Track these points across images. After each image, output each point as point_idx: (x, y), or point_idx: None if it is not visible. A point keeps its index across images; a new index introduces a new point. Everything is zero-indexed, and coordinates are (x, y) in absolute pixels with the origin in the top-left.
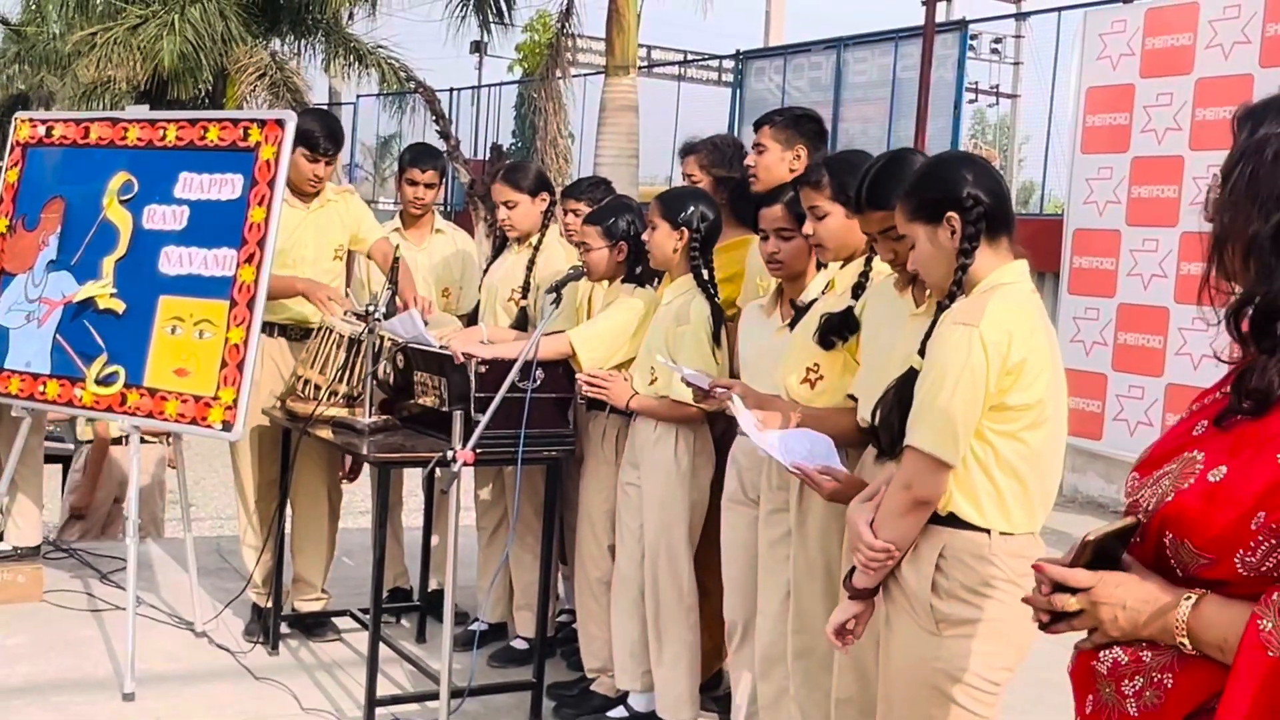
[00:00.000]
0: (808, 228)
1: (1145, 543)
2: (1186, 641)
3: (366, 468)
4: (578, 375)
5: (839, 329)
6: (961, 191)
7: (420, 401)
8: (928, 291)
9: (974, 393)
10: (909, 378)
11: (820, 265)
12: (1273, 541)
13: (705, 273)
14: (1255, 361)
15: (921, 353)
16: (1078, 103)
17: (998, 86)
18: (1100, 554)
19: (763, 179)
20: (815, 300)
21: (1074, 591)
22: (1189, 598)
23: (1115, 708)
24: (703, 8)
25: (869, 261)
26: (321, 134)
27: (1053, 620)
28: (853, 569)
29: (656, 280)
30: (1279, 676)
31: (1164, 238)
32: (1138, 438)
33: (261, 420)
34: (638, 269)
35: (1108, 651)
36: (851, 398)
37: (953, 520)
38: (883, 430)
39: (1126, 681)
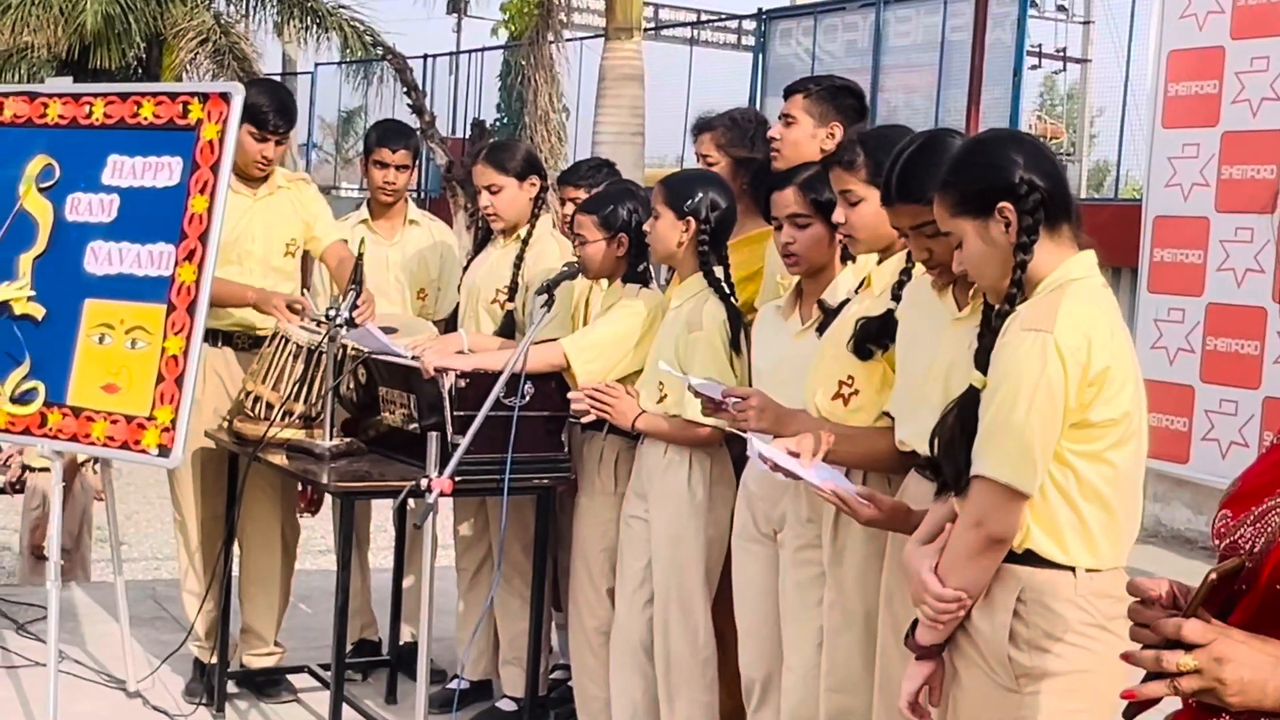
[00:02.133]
0: (838, 215)
1: (1253, 589)
2: None
3: (328, 499)
4: (576, 390)
5: (878, 336)
6: (1014, 177)
7: (388, 421)
8: (971, 292)
9: (1052, 410)
10: (971, 398)
11: (845, 259)
12: None
13: (718, 270)
14: None
15: (982, 366)
16: (1158, 69)
17: (1065, 50)
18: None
19: (786, 155)
20: (847, 301)
21: (1188, 647)
22: None
23: None
24: None
25: (910, 257)
26: (270, 108)
27: (1149, 678)
28: (914, 624)
29: (664, 279)
30: None
31: (1260, 226)
32: (1231, 461)
33: (205, 444)
34: (640, 266)
35: (1214, 718)
36: (888, 415)
37: (1030, 558)
38: (945, 462)
39: None
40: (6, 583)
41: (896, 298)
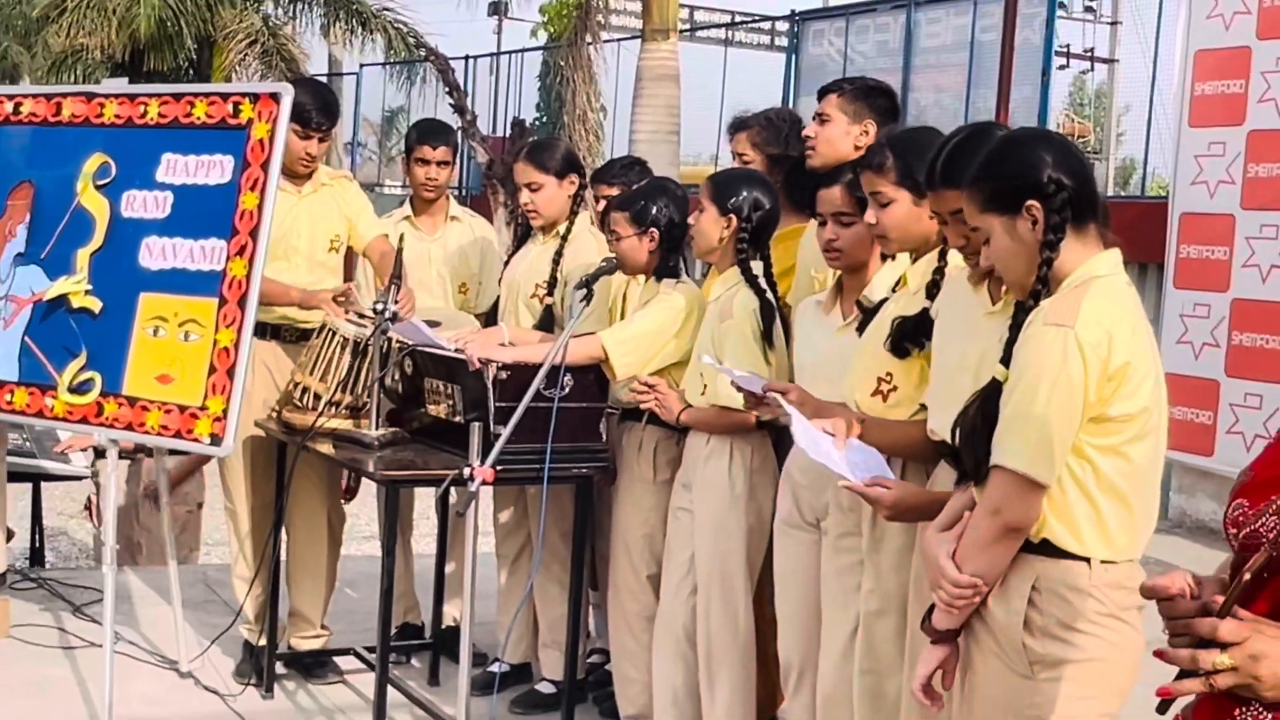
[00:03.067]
0: (870, 216)
1: (1278, 577)
2: None
3: (370, 486)
4: (619, 377)
5: (914, 334)
6: (1042, 175)
7: (433, 412)
8: (1004, 287)
9: (1071, 403)
10: (992, 391)
11: (885, 256)
12: None
13: (756, 266)
14: None
15: (1004, 359)
16: (1185, 68)
17: (1092, 50)
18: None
19: (822, 152)
20: (885, 300)
21: (1223, 646)
22: None
23: None
24: None
25: (943, 255)
26: (314, 106)
27: (1181, 675)
28: (930, 608)
29: (701, 274)
30: None
31: None
32: (1255, 453)
33: (255, 433)
34: (671, 261)
35: (1244, 710)
36: (923, 407)
37: (1047, 548)
38: (965, 451)
39: None
40: (63, 567)
41: (931, 296)
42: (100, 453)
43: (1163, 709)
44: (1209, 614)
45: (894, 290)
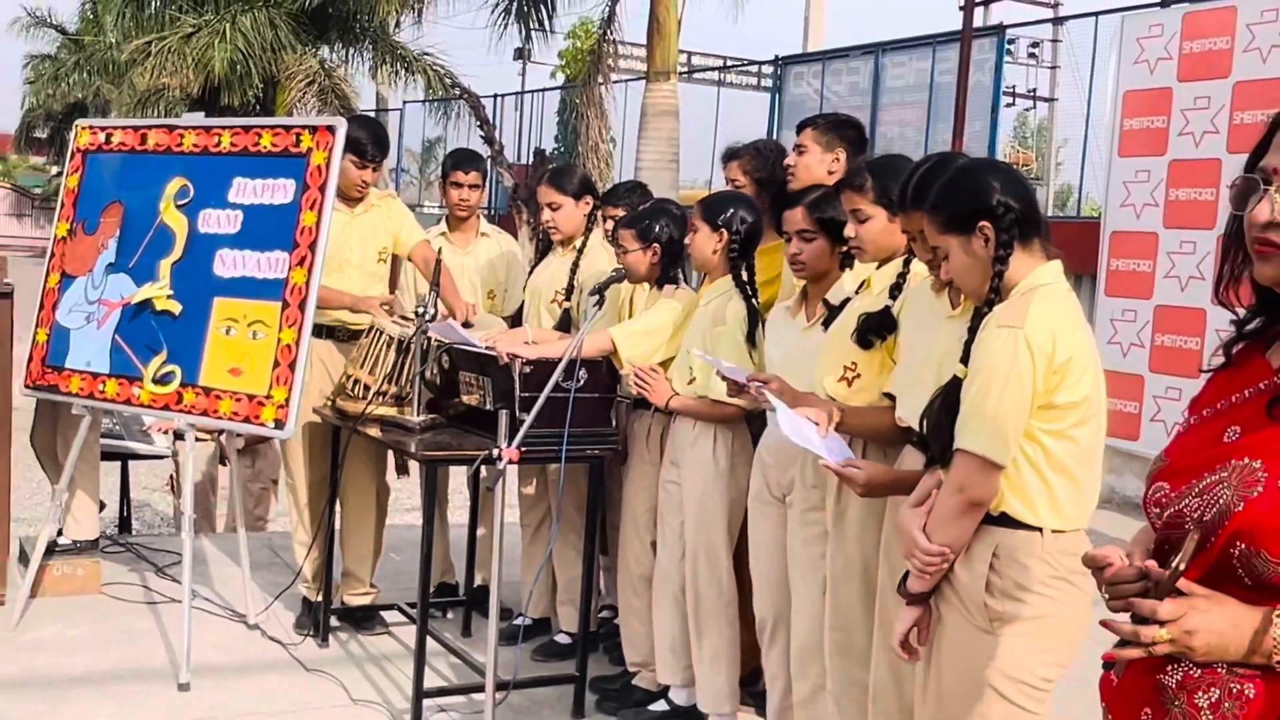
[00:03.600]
0: (849, 230)
1: (1208, 551)
2: None
3: (414, 465)
4: (626, 368)
5: (878, 329)
6: (992, 200)
7: (466, 401)
8: (963, 294)
9: (1022, 394)
10: (954, 386)
11: (843, 266)
12: None
13: (745, 274)
14: None
15: (963, 358)
16: (1115, 106)
17: (1035, 90)
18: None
19: (800, 178)
20: (849, 299)
21: (1162, 623)
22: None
23: None
24: (735, 14)
25: (907, 263)
26: (369, 141)
27: (1121, 644)
28: (905, 575)
29: (696, 283)
30: None
31: (1201, 240)
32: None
33: (313, 419)
34: (671, 271)
35: (1176, 666)
36: (888, 396)
37: (1005, 520)
38: (932, 439)
39: (1201, 694)
40: (148, 534)
41: (893, 296)
42: (180, 435)
43: (1108, 666)
44: (1149, 587)
45: (858, 292)
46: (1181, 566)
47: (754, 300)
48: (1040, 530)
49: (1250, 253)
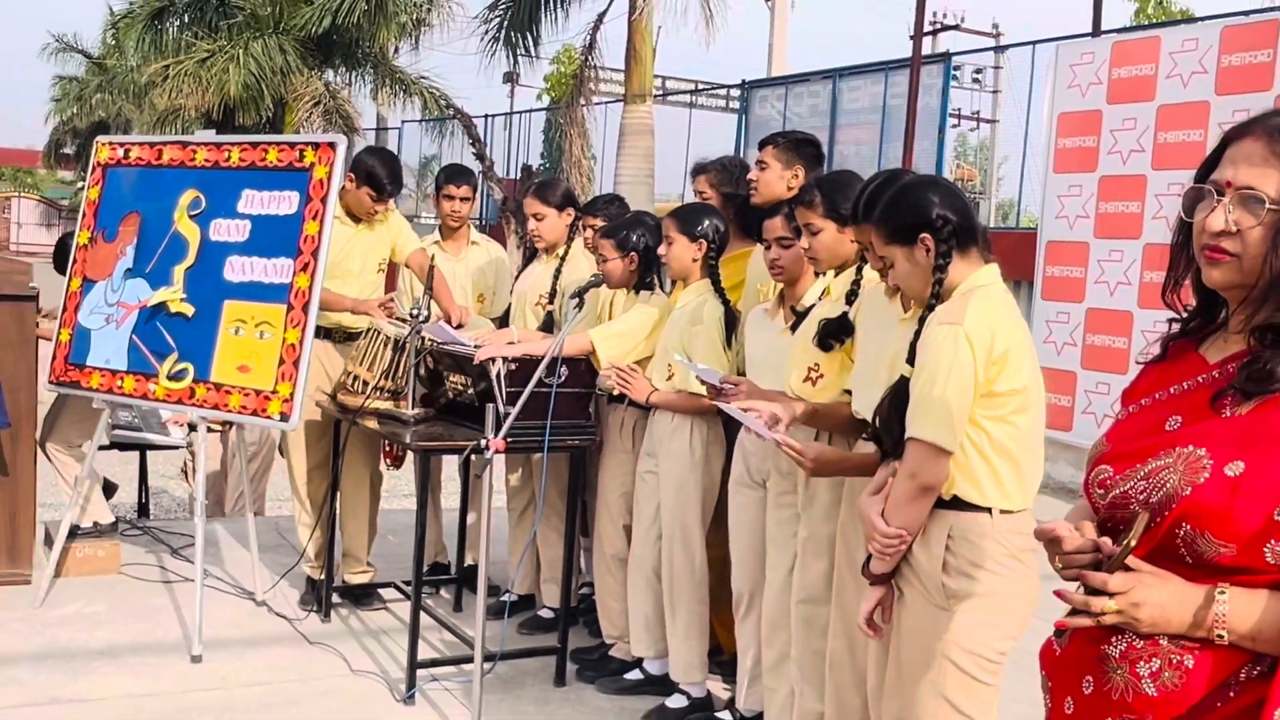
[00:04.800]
0: (803, 242)
1: (1153, 531)
2: (1226, 634)
3: (409, 456)
4: (607, 366)
5: (836, 333)
6: (931, 214)
7: (452, 395)
8: (912, 301)
9: (964, 383)
10: (901, 385)
11: (818, 273)
12: None
13: (718, 279)
14: (1262, 354)
15: (910, 355)
16: (1050, 127)
17: (978, 112)
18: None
19: (762, 193)
20: (813, 306)
21: (1111, 595)
22: (1223, 592)
23: (1129, 689)
24: (705, 42)
25: (860, 270)
26: (387, 179)
27: (1073, 613)
28: (869, 558)
29: (668, 288)
30: None
31: (1128, 249)
32: (1104, 428)
33: (315, 412)
34: (647, 278)
35: (1120, 637)
36: (848, 392)
37: (957, 503)
38: (884, 433)
39: (1143, 664)
40: (164, 518)
41: (850, 302)
42: (193, 427)
43: (1059, 634)
44: (1100, 561)
45: (820, 298)
46: (1132, 544)
47: (730, 304)
48: (989, 511)
49: (1198, 258)
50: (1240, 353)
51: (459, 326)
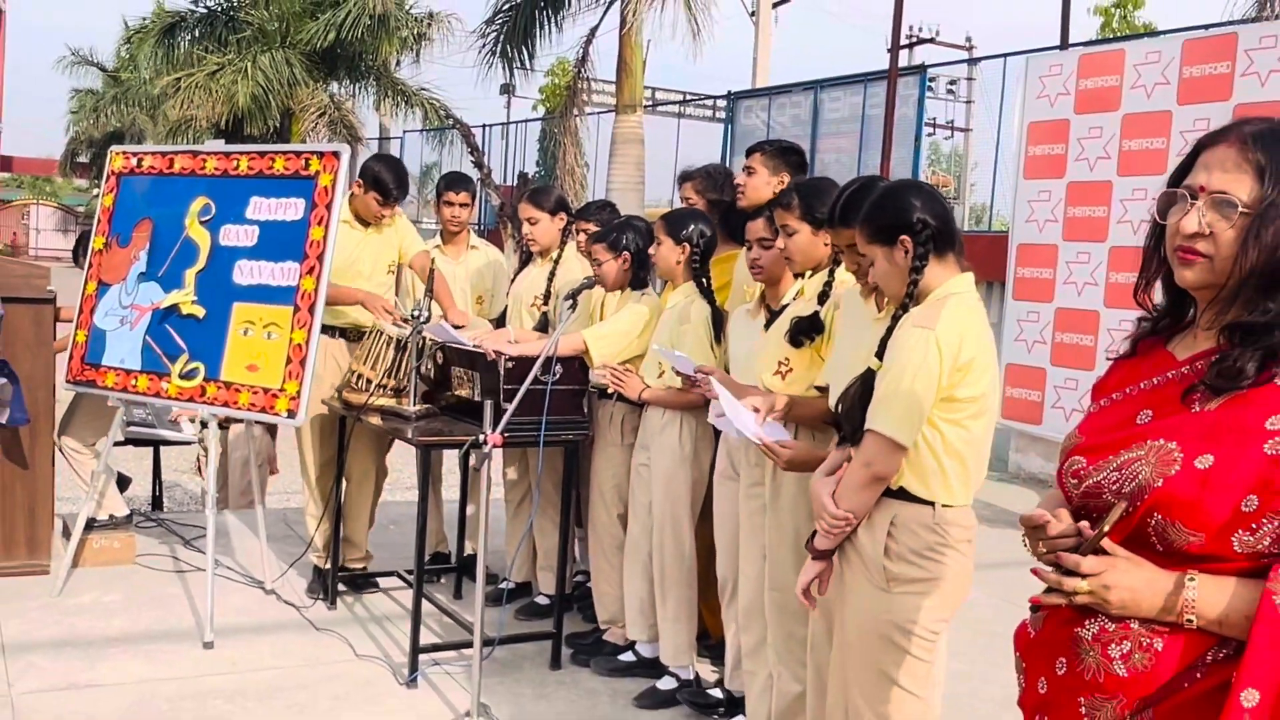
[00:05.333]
0: (780, 243)
1: (1127, 519)
2: (1195, 619)
3: (410, 448)
4: (601, 366)
5: (807, 330)
6: (912, 217)
7: (456, 393)
8: (886, 300)
9: (928, 385)
10: (868, 376)
11: (797, 275)
12: (1274, 525)
13: (705, 281)
14: (1231, 351)
15: (878, 352)
16: (1021, 135)
17: (953, 122)
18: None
19: (749, 197)
20: (787, 305)
21: (1084, 576)
22: (1192, 579)
23: (1100, 670)
24: (692, 55)
25: (832, 273)
26: (393, 184)
27: (1048, 591)
28: (813, 534)
29: (659, 288)
30: None
31: (1095, 251)
32: (1072, 422)
33: (321, 409)
34: (642, 274)
35: (1092, 620)
36: (819, 388)
37: (903, 494)
38: (846, 420)
39: (1114, 646)
40: (177, 511)
41: (820, 302)
42: (204, 424)
43: (1033, 610)
44: (1078, 544)
45: (795, 298)
46: (1106, 529)
47: (716, 304)
48: (932, 505)
49: (1171, 259)
50: (1209, 350)
51: (458, 328)
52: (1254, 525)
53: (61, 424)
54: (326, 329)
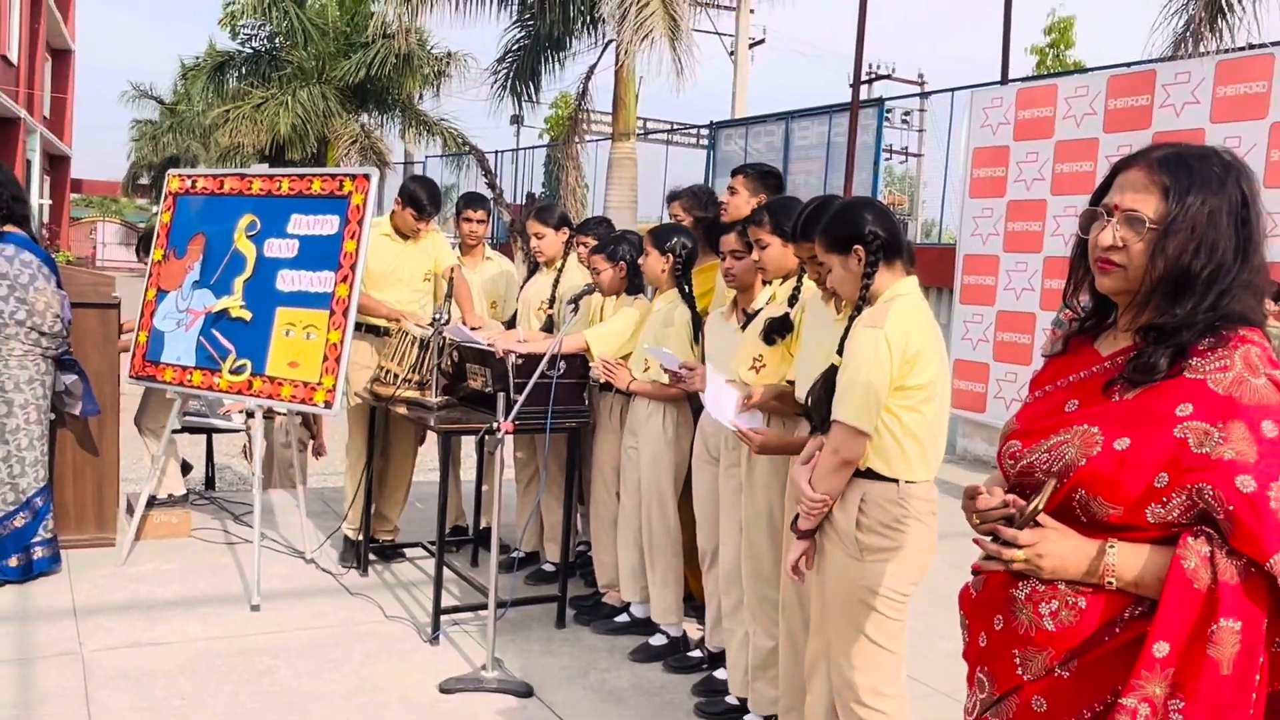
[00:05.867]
0: (754, 254)
1: (1054, 496)
2: (1115, 581)
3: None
4: (596, 361)
5: (779, 329)
6: (865, 229)
7: (472, 385)
8: (843, 303)
9: (882, 377)
10: (831, 372)
11: (766, 282)
12: (1182, 499)
13: (686, 288)
14: (1146, 349)
15: (839, 349)
16: (966, 159)
17: (907, 148)
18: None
19: (731, 214)
20: (761, 309)
21: (1020, 547)
22: (1112, 546)
23: (1032, 625)
24: (676, 90)
25: (800, 279)
26: (427, 200)
27: (987, 559)
28: (797, 516)
29: (651, 293)
30: (1202, 604)
31: (1031, 261)
32: (1011, 411)
33: (354, 400)
34: (636, 281)
35: (1025, 582)
36: (790, 382)
37: (870, 474)
38: (814, 412)
39: (1044, 604)
40: (227, 490)
41: (790, 305)
42: (251, 414)
43: (976, 579)
44: (1011, 516)
45: (767, 303)
46: (1039, 505)
47: (696, 308)
48: (896, 482)
49: (1092, 269)
50: (1128, 348)
51: (474, 329)
52: (1165, 499)
53: (137, 414)
54: (366, 328)
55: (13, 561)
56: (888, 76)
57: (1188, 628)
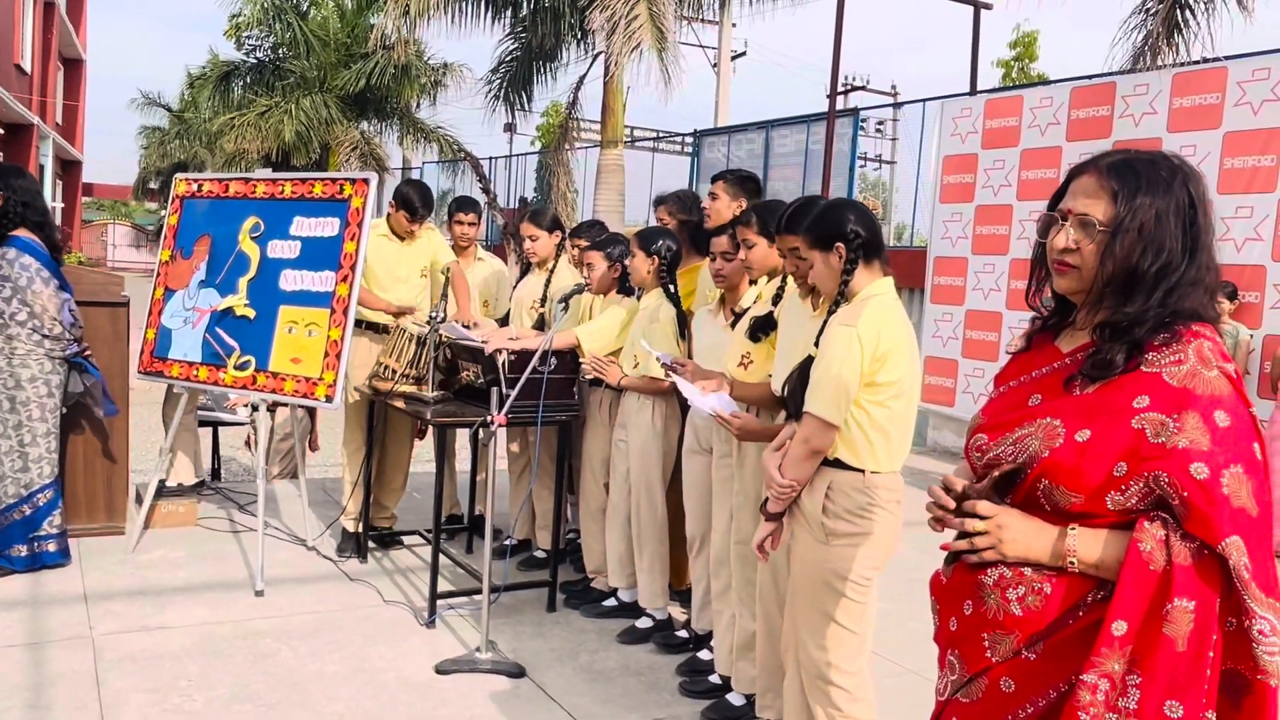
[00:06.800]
0: (741, 254)
1: (1019, 486)
2: (1076, 562)
3: (429, 429)
4: (586, 359)
5: (763, 327)
6: (847, 228)
7: (466, 380)
8: (820, 300)
9: (853, 373)
10: (807, 364)
11: (753, 282)
12: (1139, 486)
13: (671, 287)
14: (1103, 346)
15: (815, 343)
16: (937, 166)
17: (880, 156)
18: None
19: (714, 218)
20: (748, 308)
21: (981, 519)
22: (1073, 529)
23: (1000, 610)
24: (663, 100)
25: (785, 279)
26: (419, 203)
27: (957, 536)
28: (766, 499)
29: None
30: (1158, 585)
31: (998, 263)
32: (978, 405)
33: (354, 395)
34: (627, 283)
35: (993, 569)
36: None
37: (838, 463)
38: (789, 401)
39: (1011, 590)
40: (232, 481)
41: (775, 304)
42: (255, 408)
43: (947, 559)
44: (970, 493)
45: (754, 303)
46: (997, 474)
47: (680, 307)
48: (862, 471)
49: (1050, 270)
50: (1086, 344)
51: (468, 327)
52: (1123, 487)
53: (163, 407)
54: (364, 325)
55: (20, 551)
56: (863, 88)
57: (1144, 607)
